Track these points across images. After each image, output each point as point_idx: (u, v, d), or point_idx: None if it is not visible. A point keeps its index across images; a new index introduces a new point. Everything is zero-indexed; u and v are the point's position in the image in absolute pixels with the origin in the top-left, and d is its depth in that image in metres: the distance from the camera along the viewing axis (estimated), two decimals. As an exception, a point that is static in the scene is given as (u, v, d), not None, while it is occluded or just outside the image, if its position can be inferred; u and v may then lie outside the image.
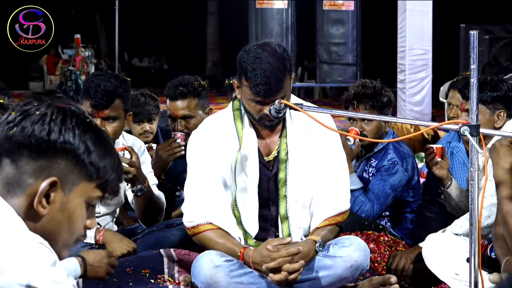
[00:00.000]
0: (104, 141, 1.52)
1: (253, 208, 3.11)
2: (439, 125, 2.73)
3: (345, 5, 13.90)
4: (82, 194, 1.50)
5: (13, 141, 1.46)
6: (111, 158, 1.52)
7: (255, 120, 3.06)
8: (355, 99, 3.96)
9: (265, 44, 3.01)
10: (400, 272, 3.48)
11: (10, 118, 1.48)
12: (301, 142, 3.11)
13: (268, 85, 2.91)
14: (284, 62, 2.97)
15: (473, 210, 2.48)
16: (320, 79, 14.40)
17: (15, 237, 1.40)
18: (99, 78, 3.46)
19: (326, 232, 3.10)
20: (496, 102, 3.49)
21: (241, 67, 2.99)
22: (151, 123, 4.51)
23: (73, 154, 1.47)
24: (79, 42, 14.85)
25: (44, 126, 1.46)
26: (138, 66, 25.42)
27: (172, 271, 3.25)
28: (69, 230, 1.50)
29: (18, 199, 1.46)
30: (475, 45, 2.42)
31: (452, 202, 3.66)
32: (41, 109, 1.48)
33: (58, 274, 1.38)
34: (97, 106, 3.39)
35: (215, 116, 3.26)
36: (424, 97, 10.55)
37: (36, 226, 1.46)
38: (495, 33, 13.53)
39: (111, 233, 3.45)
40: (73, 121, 1.48)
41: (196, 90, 4.08)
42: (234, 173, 3.08)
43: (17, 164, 1.46)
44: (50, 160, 1.46)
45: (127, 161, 3.36)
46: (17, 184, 1.46)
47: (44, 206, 1.46)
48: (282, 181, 3.10)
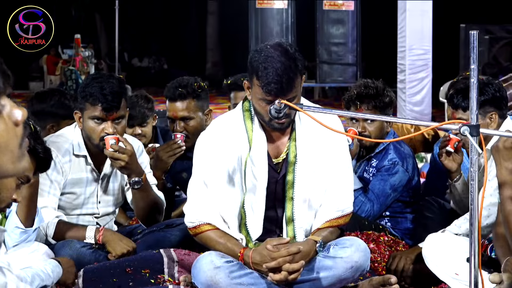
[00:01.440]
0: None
1: (259, 210, 3.10)
2: (439, 125, 2.73)
3: (345, 5, 13.90)
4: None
5: None
6: None
7: (265, 122, 3.03)
8: (357, 99, 3.96)
9: (277, 44, 3.00)
10: (400, 273, 3.49)
11: None
12: (310, 144, 3.10)
13: (280, 84, 2.90)
14: (296, 62, 2.95)
15: (473, 210, 2.48)
16: (320, 79, 14.40)
17: None
18: (98, 81, 3.45)
19: (327, 233, 3.10)
20: (485, 105, 3.50)
21: (252, 67, 2.97)
22: (143, 126, 4.46)
23: None
24: (79, 42, 14.86)
25: None
26: (138, 66, 25.43)
27: (172, 271, 3.25)
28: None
29: None
30: (475, 45, 2.42)
31: (457, 196, 3.66)
32: None
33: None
34: (110, 109, 3.40)
35: (224, 117, 3.23)
36: (424, 97, 10.54)
37: None
38: (495, 33, 13.54)
39: (110, 233, 3.46)
40: None
41: (196, 92, 4.07)
42: (244, 175, 3.07)
43: None
44: None
45: (117, 147, 3.37)
46: None
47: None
48: (290, 183, 3.09)
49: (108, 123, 3.41)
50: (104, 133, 3.40)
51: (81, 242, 3.38)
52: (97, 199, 3.59)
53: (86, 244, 3.39)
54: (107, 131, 3.40)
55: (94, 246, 3.41)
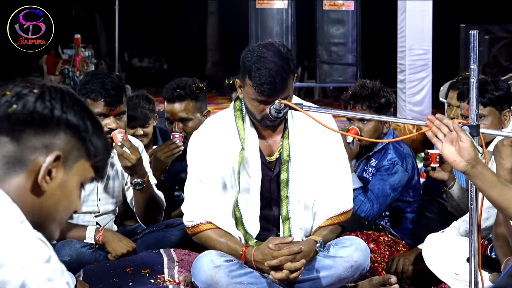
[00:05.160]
0: (98, 121, 1.55)
1: (255, 209, 3.11)
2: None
3: (345, 5, 13.89)
4: (80, 173, 1.51)
5: (13, 119, 1.45)
6: (104, 139, 1.55)
7: (257, 120, 3.05)
8: (352, 99, 3.96)
9: (269, 44, 3.00)
10: (400, 275, 3.48)
11: (6, 98, 1.47)
12: (303, 142, 3.11)
13: (272, 85, 2.90)
14: (289, 62, 2.95)
15: (473, 210, 2.48)
16: (320, 79, 14.39)
17: (12, 232, 1.39)
18: (98, 77, 3.45)
19: (327, 232, 3.10)
20: (502, 101, 3.51)
21: (245, 66, 2.98)
22: (145, 127, 4.44)
23: (75, 130, 1.49)
24: (79, 42, 14.86)
25: (46, 104, 1.47)
26: (138, 66, 25.41)
27: (172, 271, 3.25)
28: (66, 208, 1.52)
29: (18, 177, 1.46)
30: (475, 45, 2.42)
31: (453, 202, 3.66)
32: (36, 89, 1.48)
33: (51, 271, 1.38)
34: (113, 103, 3.39)
35: (216, 116, 3.24)
36: (424, 97, 10.54)
37: (36, 203, 1.46)
38: (495, 33, 13.55)
39: (110, 233, 3.46)
40: (71, 99, 1.50)
41: (194, 93, 4.07)
42: (238, 174, 3.07)
43: (19, 141, 1.45)
44: (53, 136, 1.47)
45: (128, 145, 3.36)
46: (18, 162, 1.46)
47: (47, 181, 1.46)
48: (284, 182, 3.10)
49: (110, 118, 3.41)
50: (108, 129, 3.39)
51: (81, 242, 3.38)
52: (97, 197, 3.58)
53: (86, 244, 3.39)
54: (110, 126, 3.40)
55: (94, 246, 3.41)
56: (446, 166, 3.60)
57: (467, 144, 2.36)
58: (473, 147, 2.36)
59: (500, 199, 2.39)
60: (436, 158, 3.58)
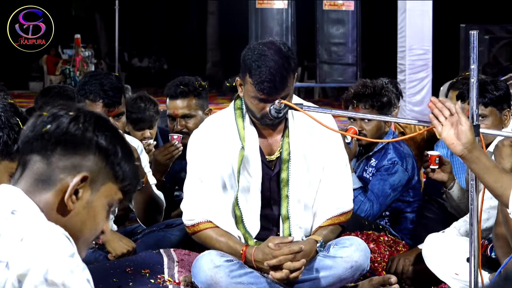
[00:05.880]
0: (129, 147, 1.62)
1: (255, 208, 3.10)
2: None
3: (345, 5, 13.90)
4: (106, 195, 1.56)
5: (46, 138, 1.52)
6: (133, 164, 1.61)
7: (257, 119, 3.04)
8: (354, 98, 3.96)
9: (270, 42, 3.00)
10: (400, 275, 3.48)
11: (42, 118, 1.54)
12: (304, 142, 3.11)
13: (273, 83, 2.90)
14: (289, 61, 2.95)
15: (473, 210, 2.48)
16: (320, 79, 14.40)
17: (40, 226, 1.44)
18: (97, 78, 3.44)
19: (327, 232, 3.10)
20: (502, 101, 3.51)
21: (245, 64, 2.97)
22: (151, 129, 4.48)
23: (104, 154, 1.55)
24: (79, 42, 14.86)
25: (79, 125, 1.53)
26: (138, 66, 25.40)
27: (172, 271, 3.25)
28: (92, 229, 1.56)
29: (47, 194, 1.52)
30: (475, 45, 2.42)
31: (453, 203, 3.66)
32: (71, 112, 1.55)
33: (75, 265, 1.42)
34: (112, 104, 3.39)
35: (216, 115, 3.24)
36: (424, 97, 10.54)
37: (62, 221, 1.51)
38: (495, 33, 13.55)
39: (110, 233, 3.45)
40: (104, 124, 1.57)
41: (197, 90, 4.08)
42: (238, 173, 3.07)
43: (49, 160, 1.52)
44: (83, 158, 1.53)
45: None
46: (47, 180, 1.52)
47: (73, 201, 1.52)
48: (284, 181, 3.10)
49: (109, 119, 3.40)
50: None
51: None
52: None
53: (86, 244, 3.39)
54: None
55: (94, 246, 3.41)
56: (446, 167, 3.60)
57: (465, 127, 2.39)
58: (471, 131, 2.39)
59: (496, 185, 2.42)
60: (435, 160, 3.58)
